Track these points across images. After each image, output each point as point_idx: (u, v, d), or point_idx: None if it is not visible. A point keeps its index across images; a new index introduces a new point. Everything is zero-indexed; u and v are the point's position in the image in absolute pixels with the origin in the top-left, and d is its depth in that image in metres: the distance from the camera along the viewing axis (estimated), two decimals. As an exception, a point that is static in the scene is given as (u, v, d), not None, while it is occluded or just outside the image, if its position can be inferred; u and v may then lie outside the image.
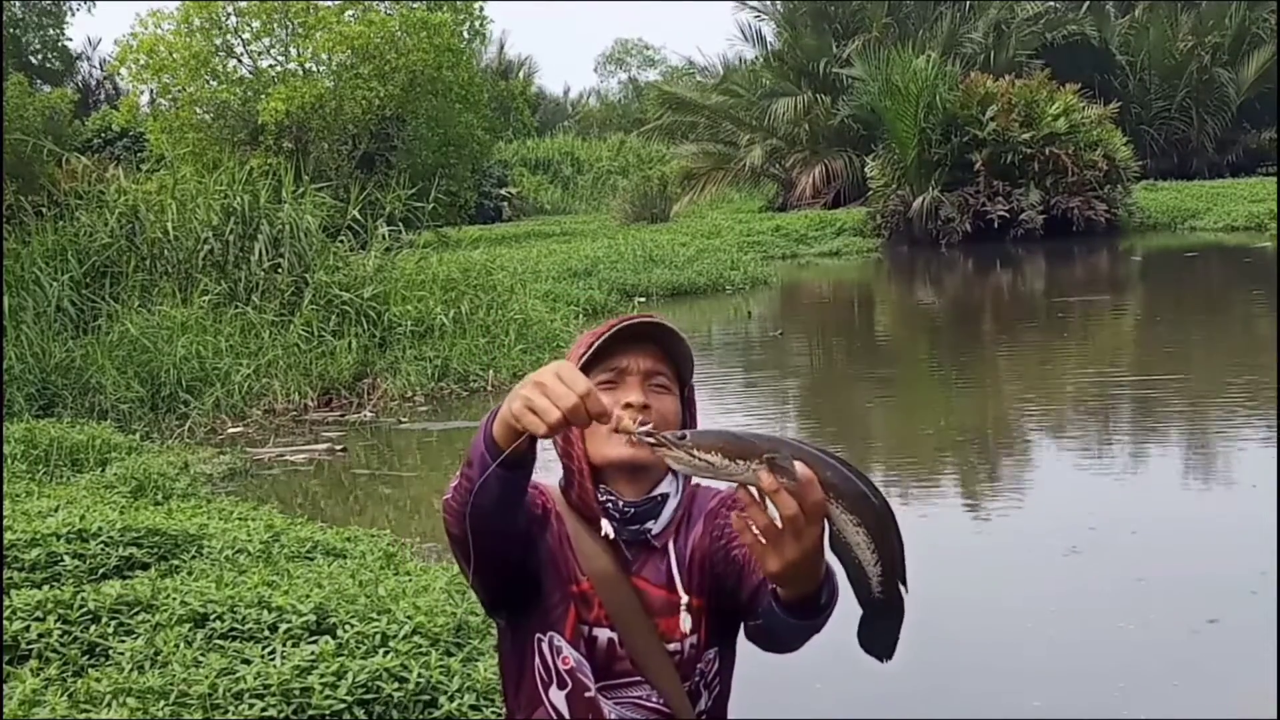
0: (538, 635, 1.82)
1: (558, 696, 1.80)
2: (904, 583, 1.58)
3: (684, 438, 1.57)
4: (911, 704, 4.22)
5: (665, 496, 1.86)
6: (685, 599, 1.82)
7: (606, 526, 1.82)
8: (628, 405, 1.79)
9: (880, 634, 1.63)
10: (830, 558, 1.61)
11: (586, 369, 1.79)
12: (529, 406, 1.53)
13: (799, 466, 1.50)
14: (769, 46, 34.56)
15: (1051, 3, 35.09)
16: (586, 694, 1.80)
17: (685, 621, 1.80)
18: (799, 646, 1.75)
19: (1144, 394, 10.05)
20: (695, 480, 1.87)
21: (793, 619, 1.65)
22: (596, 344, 1.83)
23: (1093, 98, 26.70)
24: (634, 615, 1.82)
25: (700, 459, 1.55)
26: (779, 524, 1.52)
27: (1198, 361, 11.51)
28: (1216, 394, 9.54)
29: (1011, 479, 7.52)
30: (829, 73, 31.43)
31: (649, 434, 1.61)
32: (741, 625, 1.84)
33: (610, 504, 1.83)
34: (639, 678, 1.82)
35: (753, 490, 1.53)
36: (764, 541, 1.54)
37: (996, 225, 24.20)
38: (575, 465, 1.85)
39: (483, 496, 1.63)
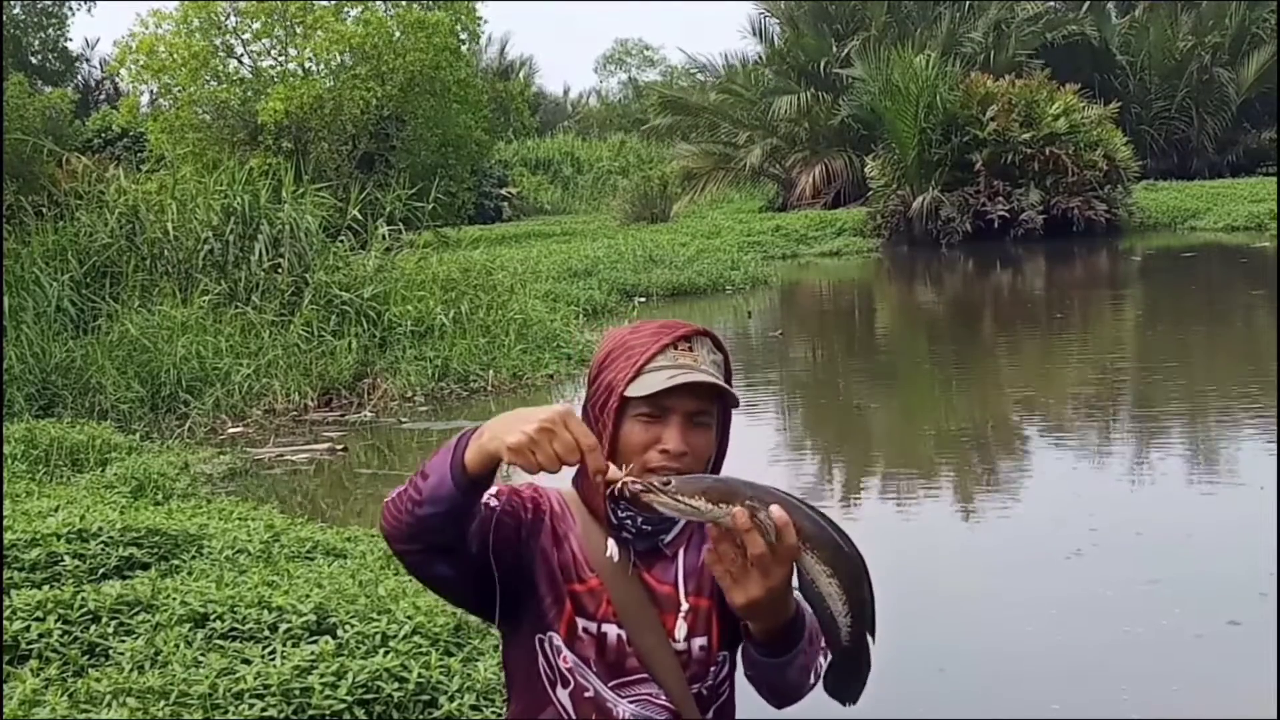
0: (538, 636, 1.83)
1: (563, 695, 1.81)
2: (872, 634, 1.66)
3: (669, 484, 1.62)
4: (913, 705, 4.21)
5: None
6: (685, 607, 1.82)
7: (612, 547, 1.82)
8: (664, 451, 1.78)
9: (845, 681, 1.69)
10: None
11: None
12: (531, 449, 1.56)
13: (774, 509, 1.57)
14: (773, 44, 34.55)
15: (1051, 3, 35.07)
16: (586, 694, 1.81)
17: (680, 629, 1.80)
18: (790, 692, 1.79)
19: (1144, 394, 10.06)
20: None
21: (763, 655, 1.71)
22: (643, 382, 1.79)
23: (1093, 98, 26.68)
24: (641, 611, 1.82)
25: (685, 504, 1.61)
26: (748, 560, 1.58)
27: (1198, 361, 11.51)
28: (1216, 394, 9.54)
29: (1012, 480, 7.52)
30: (829, 72, 31.41)
31: (635, 482, 1.64)
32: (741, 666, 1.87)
33: (628, 519, 1.83)
34: (648, 675, 1.81)
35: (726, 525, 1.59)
36: (731, 576, 1.60)
37: (996, 225, 24.20)
38: (592, 482, 1.84)
39: (433, 514, 1.66)
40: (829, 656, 1.75)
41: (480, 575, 1.80)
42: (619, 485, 1.65)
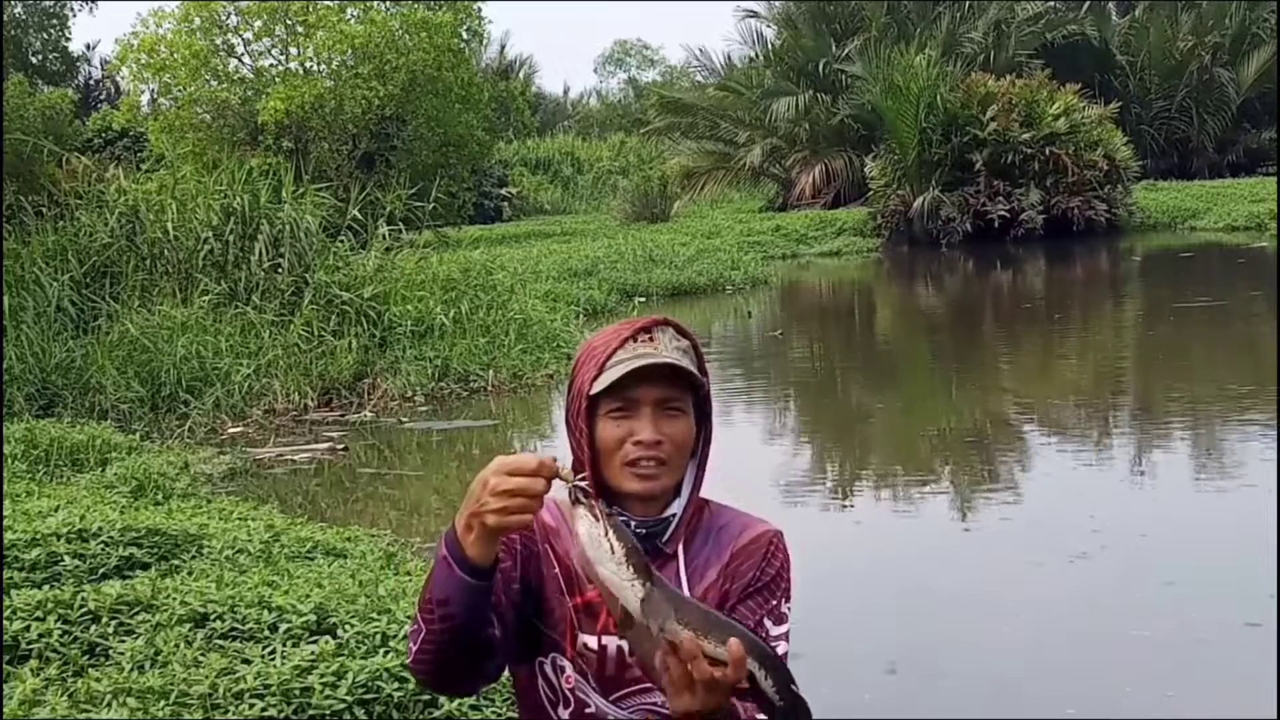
0: (539, 659, 1.82)
1: (565, 715, 1.81)
2: (793, 683, 1.67)
3: (610, 515, 1.62)
4: (914, 705, 4.21)
5: (674, 517, 1.87)
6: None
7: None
8: (638, 442, 1.78)
9: None
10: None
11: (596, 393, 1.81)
12: (507, 512, 1.57)
13: (732, 644, 1.57)
14: (769, 46, 34.55)
15: (1051, 3, 35.06)
16: (587, 709, 1.80)
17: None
18: None
19: (1145, 394, 10.07)
20: (702, 494, 1.91)
21: None
22: (605, 376, 1.81)
23: (1093, 98, 26.68)
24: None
25: (605, 541, 1.59)
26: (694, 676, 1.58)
27: (1198, 361, 11.51)
28: (1218, 394, 9.54)
29: (1013, 480, 7.51)
30: (829, 72, 31.41)
31: (585, 491, 1.64)
32: None
33: (624, 523, 1.83)
34: (650, 684, 1.81)
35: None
36: (674, 687, 1.60)
37: (997, 225, 24.20)
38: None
39: (468, 622, 1.66)
40: None
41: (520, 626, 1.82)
42: (570, 487, 1.65)
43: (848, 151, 30.58)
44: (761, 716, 1.72)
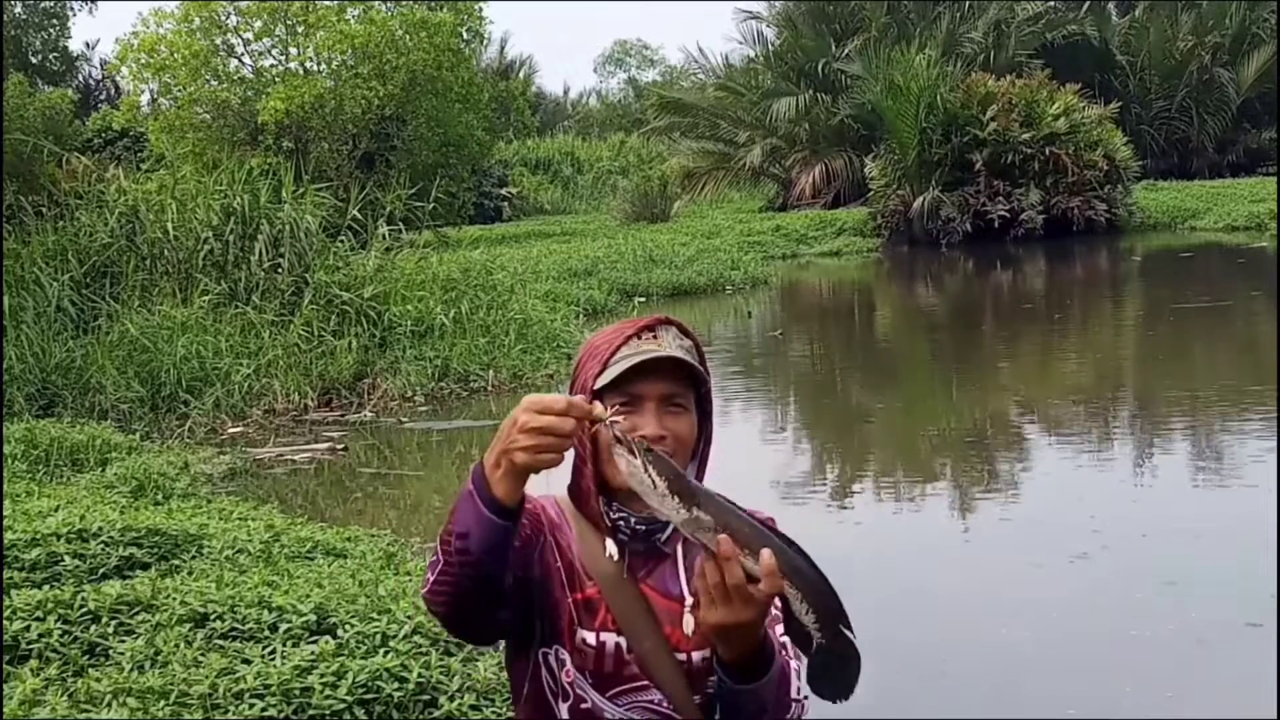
0: (542, 650, 1.83)
1: (564, 709, 1.81)
2: (848, 627, 1.64)
3: (649, 452, 1.62)
4: (915, 706, 4.21)
5: None
6: (690, 600, 1.81)
7: (611, 547, 1.83)
8: (641, 437, 1.78)
9: (832, 678, 1.67)
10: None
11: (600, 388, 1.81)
12: (537, 450, 1.57)
13: (764, 554, 1.57)
14: (769, 46, 34.55)
15: (1051, 3, 35.05)
16: (583, 705, 1.81)
17: (688, 623, 1.79)
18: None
19: (1145, 394, 10.06)
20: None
21: (725, 677, 1.71)
22: (609, 371, 1.82)
23: (1093, 98, 26.68)
24: (640, 618, 1.81)
25: (647, 476, 1.61)
26: (728, 588, 1.58)
27: (1199, 361, 11.51)
28: (1218, 394, 9.53)
29: (1014, 480, 7.51)
30: (829, 72, 31.41)
31: (616, 423, 1.65)
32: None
33: (622, 521, 1.83)
34: (648, 682, 1.81)
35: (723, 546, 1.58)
36: (709, 596, 1.60)
37: (997, 225, 24.20)
38: (585, 484, 1.85)
39: (485, 562, 1.65)
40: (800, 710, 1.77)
41: (520, 604, 1.80)
42: (602, 425, 1.65)
43: (848, 151, 30.58)
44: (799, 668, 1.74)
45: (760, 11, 34.67)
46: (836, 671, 1.66)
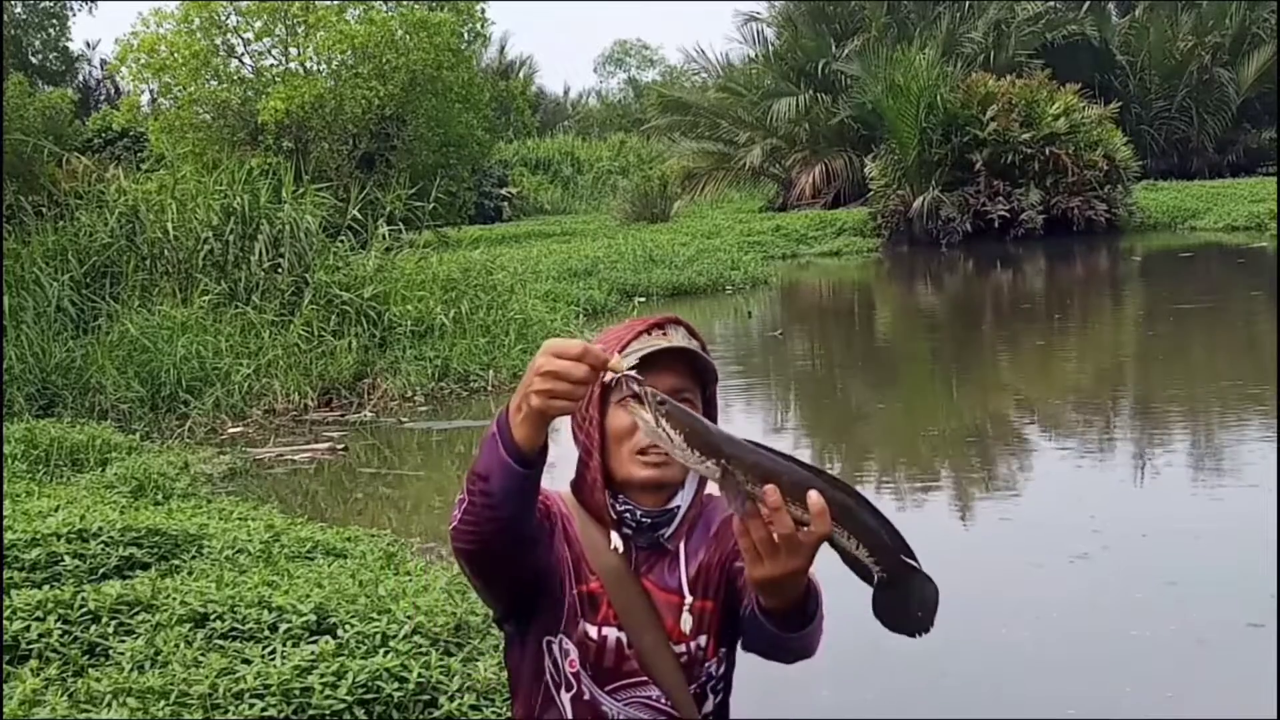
0: (547, 638, 1.83)
1: (566, 698, 1.81)
2: (910, 555, 1.61)
3: (663, 404, 1.60)
4: (915, 705, 4.21)
5: (679, 508, 1.88)
6: (689, 600, 1.83)
7: (616, 540, 1.84)
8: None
9: (902, 610, 1.65)
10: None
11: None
12: (552, 395, 1.57)
13: (812, 496, 1.53)
14: (769, 46, 34.55)
15: (1051, 3, 35.05)
16: (585, 697, 1.81)
17: (685, 622, 1.80)
18: (788, 659, 1.79)
19: (1145, 394, 10.06)
20: (709, 488, 1.90)
21: (772, 627, 1.69)
22: (623, 361, 1.82)
23: (1093, 98, 26.68)
24: (642, 614, 1.83)
25: (662, 431, 1.59)
26: (776, 539, 1.54)
27: (1199, 361, 11.50)
28: (1218, 394, 9.53)
29: (1014, 480, 7.50)
30: (829, 72, 31.41)
31: (634, 378, 1.63)
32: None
33: (628, 514, 1.84)
34: (647, 678, 1.82)
35: (765, 500, 1.55)
36: (756, 551, 1.56)
37: (997, 225, 24.21)
38: (590, 476, 1.86)
39: (504, 505, 1.65)
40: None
41: (513, 580, 1.80)
42: (619, 378, 1.65)
43: (848, 151, 30.57)
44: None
45: (760, 12, 34.70)
46: (907, 604, 1.63)
